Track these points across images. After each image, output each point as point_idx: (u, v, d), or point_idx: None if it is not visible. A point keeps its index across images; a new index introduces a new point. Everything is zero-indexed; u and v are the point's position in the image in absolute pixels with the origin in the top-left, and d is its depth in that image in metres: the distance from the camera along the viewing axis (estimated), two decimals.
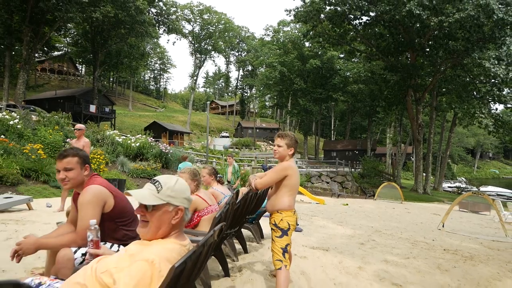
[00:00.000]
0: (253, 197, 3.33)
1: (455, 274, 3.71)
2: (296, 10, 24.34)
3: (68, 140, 12.38)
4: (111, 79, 64.90)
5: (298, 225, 5.86)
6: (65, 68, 59.85)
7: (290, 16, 26.28)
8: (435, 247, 5.33)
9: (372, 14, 21.88)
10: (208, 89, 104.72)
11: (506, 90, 22.57)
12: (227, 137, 55.88)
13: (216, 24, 53.19)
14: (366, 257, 4.14)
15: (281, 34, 47.55)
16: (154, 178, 1.38)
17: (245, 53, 67.06)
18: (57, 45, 40.62)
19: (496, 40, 18.43)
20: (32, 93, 39.24)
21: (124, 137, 16.21)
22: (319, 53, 38.40)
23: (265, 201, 3.37)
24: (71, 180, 1.97)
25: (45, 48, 33.63)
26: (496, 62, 18.27)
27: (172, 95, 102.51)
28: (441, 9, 17.56)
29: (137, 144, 15.38)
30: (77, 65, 62.77)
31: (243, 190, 2.51)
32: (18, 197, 5.48)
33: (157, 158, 15.04)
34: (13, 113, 12.32)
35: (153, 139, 16.95)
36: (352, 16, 21.62)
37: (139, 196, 1.32)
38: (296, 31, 42.46)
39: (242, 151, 42.93)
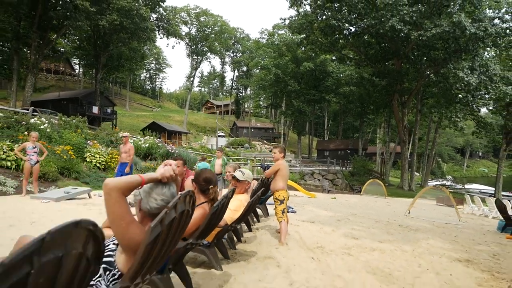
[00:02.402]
0: (266, 182, 5.23)
1: (396, 236, 5.58)
2: (291, 19, 26.20)
3: (89, 142, 14.07)
4: (108, 79, 65.86)
5: (292, 208, 7.71)
6: (61, 68, 59.75)
7: (284, 24, 28.19)
8: (393, 224, 7.21)
9: (361, 25, 23.81)
10: (203, 89, 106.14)
11: (486, 96, 24.63)
12: (223, 136, 57.13)
13: (212, 26, 54.58)
14: (339, 226, 6.01)
15: (275, 37, 49.09)
16: (240, 169, 3.20)
17: (240, 54, 68.45)
18: (58, 47, 41.69)
19: (470, 52, 20.56)
20: (35, 95, 40.32)
21: (135, 139, 17.87)
22: (313, 55, 39.97)
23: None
24: (179, 173, 3.76)
25: (48, 52, 34.85)
26: (469, 72, 20.41)
27: (167, 94, 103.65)
28: (421, 23, 19.57)
29: (147, 145, 17.03)
30: (73, 65, 63.32)
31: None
32: (81, 189, 7.22)
33: (164, 157, 16.70)
34: (42, 118, 13.87)
35: (160, 140, 18.66)
36: (342, 28, 23.53)
37: (237, 175, 3.14)
38: (290, 34, 44.03)
39: (239, 151, 44.52)
